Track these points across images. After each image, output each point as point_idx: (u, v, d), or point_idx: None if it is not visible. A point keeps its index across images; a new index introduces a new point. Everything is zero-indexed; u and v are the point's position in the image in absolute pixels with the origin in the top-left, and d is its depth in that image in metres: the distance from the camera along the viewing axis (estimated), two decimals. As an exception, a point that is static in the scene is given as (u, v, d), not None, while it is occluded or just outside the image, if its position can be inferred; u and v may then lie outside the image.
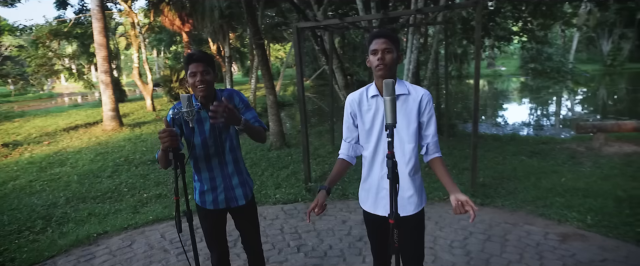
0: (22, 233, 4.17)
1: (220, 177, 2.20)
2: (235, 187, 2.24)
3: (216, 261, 2.33)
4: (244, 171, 2.33)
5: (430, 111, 1.85)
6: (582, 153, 6.92)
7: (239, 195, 2.26)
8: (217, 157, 2.18)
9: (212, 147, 2.16)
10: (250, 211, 2.37)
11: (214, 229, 2.29)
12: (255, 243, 2.41)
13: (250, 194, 2.33)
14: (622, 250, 3.19)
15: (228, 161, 2.21)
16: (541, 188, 4.88)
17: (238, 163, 2.26)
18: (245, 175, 2.32)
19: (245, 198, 2.28)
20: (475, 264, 3.04)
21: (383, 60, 1.76)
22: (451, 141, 7.99)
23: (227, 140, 2.19)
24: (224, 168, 2.21)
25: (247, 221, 2.38)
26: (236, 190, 2.25)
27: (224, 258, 2.35)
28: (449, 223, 3.85)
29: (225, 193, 2.22)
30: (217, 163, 2.19)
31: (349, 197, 4.81)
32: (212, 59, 2.12)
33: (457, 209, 1.77)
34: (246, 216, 2.36)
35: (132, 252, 3.49)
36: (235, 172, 2.24)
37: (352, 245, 3.45)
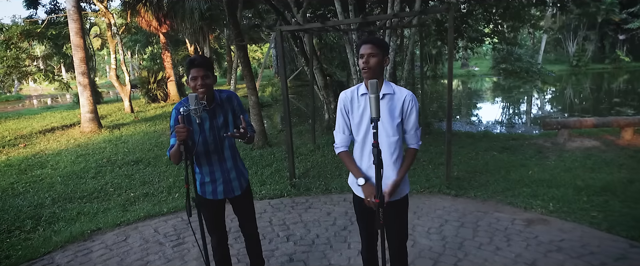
0: (12, 232, 4.23)
1: (219, 171, 2.41)
2: (232, 179, 2.46)
3: (216, 244, 2.53)
4: (241, 164, 2.55)
5: (412, 109, 2.12)
6: (548, 148, 7.39)
7: (235, 186, 2.48)
8: (216, 153, 2.39)
9: (211, 144, 2.37)
10: (246, 199, 2.59)
11: (214, 217, 2.50)
12: (251, 227, 2.63)
13: (245, 184, 2.55)
14: (578, 231, 3.56)
15: (227, 157, 2.42)
16: (510, 180, 5.26)
17: (235, 159, 2.48)
18: (241, 168, 2.54)
19: (241, 189, 2.51)
20: (450, 247, 3.34)
21: (367, 63, 2.02)
22: (427, 139, 8.35)
23: (226, 139, 2.40)
24: (222, 164, 2.42)
25: (243, 208, 2.60)
26: (233, 183, 2.47)
27: (222, 242, 2.56)
28: (426, 212, 4.15)
29: (223, 185, 2.44)
30: (216, 159, 2.40)
31: (332, 192, 5.06)
32: (212, 63, 2.32)
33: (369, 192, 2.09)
34: (243, 203, 2.59)
35: (128, 246, 3.64)
36: (233, 167, 2.46)
37: (338, 233, 3.71)
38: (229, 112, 2.39)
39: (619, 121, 7.92)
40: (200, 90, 2.23)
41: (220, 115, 2.36)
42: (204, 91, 2.24)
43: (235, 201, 2.55)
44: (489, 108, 17.91)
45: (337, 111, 2.24)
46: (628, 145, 7.23)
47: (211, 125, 2.34)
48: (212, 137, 2.36)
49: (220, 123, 2.36)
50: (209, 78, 2.25)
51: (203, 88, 2.23)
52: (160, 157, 7.89)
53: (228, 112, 2.39)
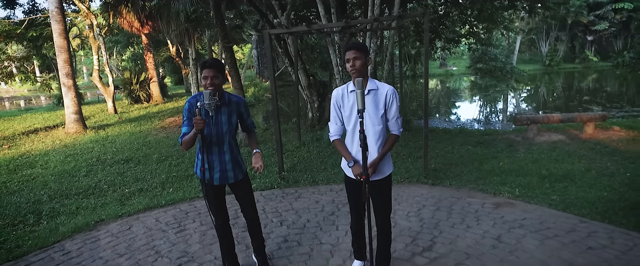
0: (16, 226, 4.44)
1: (218, 161, 2.75)
2: (229, 170, 2.79)
3: (219, 225, 2.86)
4: (239, 158, 2.88)
5: (393, 102, 2.50)
6: (519, 142, 7.93)
7: (230, 176, 2.81)
8: (217, 145, 2.72)
9: (214, 136, 2.70)
10: (244, 186, 2.93)
11: (215, 200, 2.81)
12: (251, 211, 2.97)
13: (240, 175, 2.88)
14: (538, 211, 4.03)
15: (226, 150, 2.76)
16: (482, 171, 5.74)
17: (233, 153, 2.81)
18: (239, 161, 2.87)
19: (235, 179, 2.84)
20: (427, 227, 3.75)
21: (354, 66, 2.40)
22: (407, 135, 8.81)
23: (227, 135, 2.74)
24: (221, 155, 2.75)
25: (242, 194, 2.93)
26: (229, 173, 2.80)
27: (225, 223, 2.88)
28: (405, 199, 4.56)
29: (220, 173, 2.77)
30: (217, 151, 2.73)
31: (319, 183, 5.43)
32: (222, 65, 2.65)
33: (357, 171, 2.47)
34: (240, 192, 2.92)
35: (132, 234, 3.92)
36: (231, 159, 2.79)
37: (326, 218, 4.07)
38: (234, 112, 2.73)
39: (581, 117, 8.54)
40: (210, 88, 2.56)
41: (224, 113, 2.69)
42: (213, 89, 2.56)
43: (234, 189, 2.88)
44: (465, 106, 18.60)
45: (331, 106, 2.61)
46: (589, 138, 7.83)
47: (216, 120, 2.67)
48: (215, 130, 2.69)
49: (224, 120, 2.69)
50: (217, 79, 2.58)
51: (212, 87, 2.55)
52: (150, 156, 8.09)
53: (233, 112, 2.72)
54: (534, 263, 2.98)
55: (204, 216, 4.32)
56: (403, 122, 8.47)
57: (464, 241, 3.41)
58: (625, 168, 5.60)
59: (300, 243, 3.52)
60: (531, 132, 8.39)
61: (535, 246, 3.25)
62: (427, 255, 3.20)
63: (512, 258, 3.07)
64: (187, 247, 3.54)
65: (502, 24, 13.30)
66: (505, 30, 14.98)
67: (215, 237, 3.74)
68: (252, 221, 3.00)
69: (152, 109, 16.81)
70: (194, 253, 3.42)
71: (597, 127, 8.55)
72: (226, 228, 2.93)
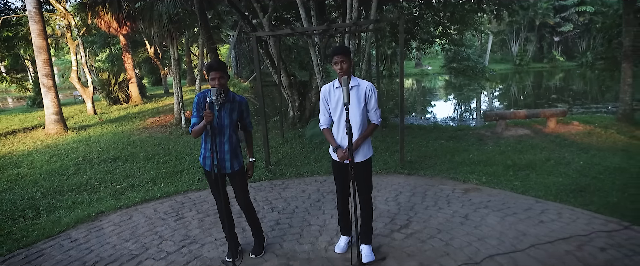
0: (16, 220, 4.64)
1: (220, 149, 3.09)
2: (226, 160, 3.14)
3: (220, 207, 3.20)
4: (238, 150, 3.22)
5: (371, 95, 2.92)
6: (488, 137, 8.52)
7: (227, 166, 3.16)
8: (218, 136, 3.07)
9: (216, 129, 3.05)
10: (238, 176, 3.25)
11: (213, 185, 3.16)
12: (243, 197, 3.29)
13: (237, 166, 3.21)
14: (502, 195, 4.54)
15: (225, 142, 3.11)
16: (454, 162, 6.25)
17: (232, 145, 3.16)
18: (238, 153, 3.21)
19: (232, 169, 3.18)
20: (403, 209, 4.20)
21: (341, 68, 2.81)
22: (384, 131, 9.30)
23: (227, 129, 3.09)
24: (221, 146, 3.10)
25: (235, 183, 3.27)
26: (226, 163, 3.15)
27: (226, 206, 3.22)
28: (384, 187, 5.00)
29: (221, 160, 3.12)
30: (217, 141, 3.08)
31: (303, 175, 5.82)
32: (226, 67, 3.01)
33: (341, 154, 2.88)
34: (235, 180, 3.26)
35: (134, 222, 4.20)
36: (229, 150, 3.14)
37: (313, 204, 4.47)
38: (235, 110, 3.08)
39: (545, 112, 9.24)
40: (217, 86, 2.91)
41: (227, 109, 3.05)
42: (219, 87, 2.91)
43: (230, 178, 3.23)
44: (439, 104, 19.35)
45: (320, 100, 3.02)
46: (551, 132, 8.50)
47: (219, 114, 3.03)
48: (217, 123, 3.04)
49: (225, 115, 3.05)
50: (223, 78, 2.94)
51: (219, 85, 2.91)
52: (136, 154, 8.28)
53: (235, 109, 3.08)
54: (494, 234, 3.45)
55: (199, 205, 4.65)
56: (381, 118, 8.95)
57: (436, 219, 3.87)
58: (579, 158, 6.22)
59: (291, 225, 3.91)
60: (499, 127, 9.01)
61: (496, 222, 3.74)
62: (403, 231, 3.64)
63: (477, 232, 3.54)
64: (187, 232, 3.87)
65: (473, 26, 14.00)
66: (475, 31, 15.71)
67: (212, 222, 4.08)
68: (245, 207, 3.33)
69: (132, 110, 16.79)
70: (195, 236, 3.76)
71: (559, 122, 9.24)
72: (227, 211, 3.26)
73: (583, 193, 4.57)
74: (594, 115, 11.52)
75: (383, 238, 3.50)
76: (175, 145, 9.07)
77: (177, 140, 9.78)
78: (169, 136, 10.63)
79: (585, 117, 10.59)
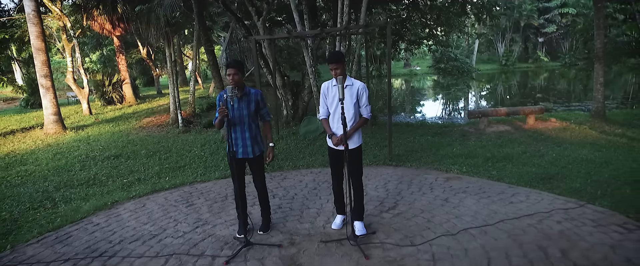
0: (37, 209, 5.03)
1: (241, 139, 3.57)
2: (248, 146, 3.61)
3: (236, 189, 3.65)
4: (258, 138, 3.68)
5: (363, 93, 3.42)
6: (471, 133, 9.08)
7: (250, 151, 3.63)
8: (240, 126, 3.54)
9: (237, 119, 3.52)
10: (257, 161, 3.72)
11: (236, 169, 3.61)
12: (260, 180, 3.78)
13: (258, 152, 3.68)
14: (480, 182, 5.07)
15: (246, 130, 3.58)
16: (438, 155, 6.78)
17: (253, 133, 3.62)
18: (258, 140, 3.68)
19: (253, 154, 3.65)
20: (391, 194, 4.70)
21: (337, 72, 3.30)
22: (374, 128, 9.82)
23: (246, 119, 3.56)
24: (243, 133, 3.57)
25: (255, 167, 3.74)
26: (248, 148, 3.61)
27: (241, 188, 3.68)
28: (373, 176, 5.50)
29: (242, 148, 3.59)
30: (240, 130, 3.55)
31: (300, 168, 6.29)
32: (242, 65, 3.48)
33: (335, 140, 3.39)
34: (254, 164, 3.73)
35: (148, 209, 4.63)
36: (250, 137, 3.60)
37: (310, 191, 4.95)
38: (252, 102, 3.55)
39: (524, 110, 9.85)
40: (232, 83, 3.38)
41: (244, 101, 3.52)
42: (234, 83, 3.38)
43: (250, 162, 3.70)
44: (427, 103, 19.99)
45: (320, 95, 3.52)
46: (530, 128, 9.10)
47: (238, 106, 3.49)
48: (237, 114, 3.51)
49: (244, 106, 3.52)
50: (237, 75, 3.40)
51: (233, 82, 3.37)
52: (138, 152, 8.66)
53: (251, 101, 3.55)
54: (469, 213, 3.97)
55: (206, 194, 5.09)
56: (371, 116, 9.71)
57: (420, 202, 4.37)
58: (553, 151, 6.80)
59: (292, 209, 4.38)
60: (482, 124, 9.59)
61: (472, 203, 4.26)
62: (391, 212, 4.13)
63: (454, 211, 4.05)
64: (199, 215, 4.32)
65: (458, 28, 14.62)
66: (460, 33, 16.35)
67: (221, 207, 4.53)
68: (260, 188, 3.82)
69: (126, 110, 17.08)
70: (207, 219, 4.21)
71: (538, 118, 9.85)
72: (242, 192, 3.71)
73: (552, 180, 5.12)
74: (571, 113, 12.20)
75: (373, 218, 3.99)
76: (175, 143, 9.46)
77: (176, 139, 10.17)
78: (166, 135, 11.00)
79: (562, 115, 11.26)
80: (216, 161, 7.22)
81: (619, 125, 9.21)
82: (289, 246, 3.45)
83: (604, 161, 5.99)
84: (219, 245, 3.55)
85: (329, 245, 3.41)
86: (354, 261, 3.10)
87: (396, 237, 3.49)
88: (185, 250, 3.48)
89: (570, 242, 3.21)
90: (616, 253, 3.00)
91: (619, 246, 3.11)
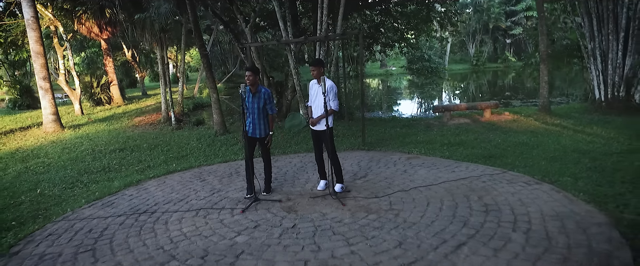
0: (72, 188, 6.06)
1: (252, 123, 4.77)
2: (257, 129, 4.81)
3: (247, 159, 4.82)
4: (264, 125, 4.87)
5: (330, 90, 4.65)
6: (435, 125, 10.45)
7: (257, 133, 4.83)
8: (252, 114, 4.73)
9: (250, 110, 4.71)
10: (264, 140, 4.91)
11: (249, 144, 4.80)
12: (266, 153, 4.97)
13: (263, 134, 4.88)
14: (433, 159, 6.39)
15: (257, 117, 4.78)
16: (404, 142, 8.09)
17: (261, 120, 4.82)
18: (265, 124, 4.87)
19: (260, 135, 4.85)
20: (363, 169, 5.96)
21: (315, 75, 4.53)
22: (351, 123, 11.10)
23: (257, 110, 4.75)
24: (254, 120, 4.77)
25: (262, 144, 4.93)
26: (257, 130, 4.82)
27: (250, 159, 4.86)
28: (349, 158, 6.75)
29: (252, 130, 4.79)
30: (252, 117, 4.75)
31: (288, 153, 7.49)
32: (257, 69, 4.68)
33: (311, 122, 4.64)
34: (262, 141, 4.91)
35: (169, 184, 5.75)
36: (259, 123, 4.80)
37: (299, 169, 6.17)
38: (261, 99, 4.75)
39: (481, 105, 11.30)
40: (248, 83, 4.57)
41: (256, 97, 4.72)
42: (250, 84, 4.57)
43: (259, 141, 4.90)
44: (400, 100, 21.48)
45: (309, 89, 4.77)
46: (486, 121, 10.53)
47: (252, 100, 4.69)
48: (251, 106, 4.71)
49: (255, 101, 4.73)
50: (252, 76, 4.59)
51: (248, 81, 4.56)
52: (140, 145, 9.65)
53: (261, 98, 4.75)
54: (420, 178, 5.27)
55: (214, 173, 6.24)
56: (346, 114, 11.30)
57: (385, 173, 5.65)
58: (499, 137, 8.19)
59: (285, 180, 5.59)
60: (446, 118, 10.98)
61: (424, 172, 5.56)
62: (362, 179, 5.39)
63: (410, 177, 5.34)
64: (212, 186, 5.47)
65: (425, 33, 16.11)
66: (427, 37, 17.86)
67: (229, 180, 5.69)
68: (266, 160, 5.03)
69: (116, 110, 17.86)
70: (220, 188, 5.37)
71: (493, 112, 11.31)
72: (251, 161, 4.89)
73: (491, 158, 6.47)
74: (523, 107, 13.80)
75: (348, 183, 5.24)
76: (172, 138, 10.50)
77: (172, 135, 11.18)
78: (161, 132, 11.98)
79: (515, 109, 12.82)
80: (214, 150, 8.33)
81: (559, 117, 10.75)
82: (286, 201, 4.67)
83: (536, 144, 7.41)
84: (233, 203, 4.74)
85: (316, 199, 4.65)
86: (334, 207, 4.34)
87: (365, 193, 4.75)
88: (208, 206, 4.65)
89: (486, 192, 4.53)
90: (514, 196, 4.34)
91: (517, 192, 4.45)
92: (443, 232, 3.50)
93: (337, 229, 3.73)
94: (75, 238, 3.97)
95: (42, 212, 4.94)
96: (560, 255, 2.97)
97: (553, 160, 6.03)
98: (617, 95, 11.03)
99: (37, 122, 14.59)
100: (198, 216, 4.37)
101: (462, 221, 3.70)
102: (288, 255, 3.26)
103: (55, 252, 3.65)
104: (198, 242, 3.64)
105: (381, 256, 3.13)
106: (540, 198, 4.22)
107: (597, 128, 8.67)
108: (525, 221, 3.65)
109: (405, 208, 4.17)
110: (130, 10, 11.80)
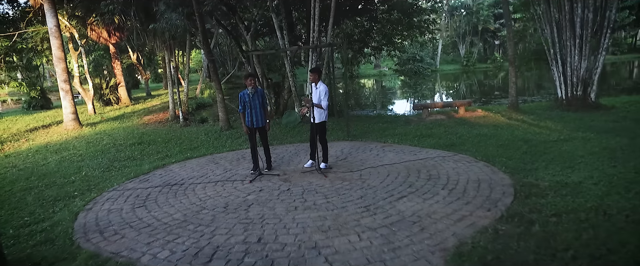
0: (109, 171, 7.48)
1: (254, 115, 6.19)
2: (258, 120, 6.23)
3: (252, 144, 6.25)
4: (262, 117, 6.29)
5: (324, 93, 6.08)
6: (414, 121, 11.89)
7: (258, 123, 6.25)
8: (254, 109, 6.16)
9: (252, 106, 6.14)
10: (263, 129, 6.35)
11: (251, 134, 6.24)
12: (265, 140, 6.41)
13: (263, 124, 6.30)
14: (402, 147, 7.83)
15: (256, 112, 6.20)
16: (383, 134, 9.52)
17: (260, 113, 6.24)
18: (263, 117, 6.29)
19: (261, 124, 6.28)
20: (344, 153, 7.40)
21: (312, 79, 5.99)
22: (340, 119, 12.55)
23: (257, 105, 6.17)
24: (256, 113, 6.19)
25: (262, 133, 6.37)
26: (258, 121, 6.24)
27: (254, 147, 6.29)
28: (335, 147, 8.18)
29: (257, 121, 6.22)
30: (254, 112, 6.17)
31: (284, 144, 8.92)
32: (256, 73, 6.14)
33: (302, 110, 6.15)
34: (262, 130, 6.35)
35: (189, 167, 7.18)
36: (259, 115, 6.22)
37: (294, 154, 7.61)
38: (259, 97, 6.17)
39: (456, 102, 12.78)
40: (250, 86, 5.99)
41: (256, 96, 6.14)
42: (252, 87, 5.99)
43: (259, 130, 6.33)
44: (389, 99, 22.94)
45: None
46: (459, 117, 11.96)
47: (253, 98, 6.11)
48: (252, 103, 6.12)
49: (255, 99, 6.14)
50: (253, 80, 6.01)
51: (251, 85, 5.99)
52: (155, 140, 11.04)
53: (259, 97, 6.17)
54: (388, 159, 6.71)
55: (225, 159, 7.67)
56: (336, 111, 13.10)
57: (361, 156, 7.10)
58: (465, 130, 9.62)
59: (283, 162, 7.04)
60: (424, 114, 12.42)
61: (392, 155, 7.01)
62: (342, 160, 6.85)
63: (381, 159, 6.78)
64: (225, 167, 6.91)
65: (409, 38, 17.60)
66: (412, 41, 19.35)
67: (238, 163, 7.12)
68: (265, 146, 6.46)
69: (125, 110, 19.26)
70: (231, 169, 6.80)
71: (467, 109, 12.77)
72: (254, 148, 6.32)
73: (452, 146, 7.91)
74: (495, 105, 15.29)
75: (332, 162, 6.69)
76: (182, 133, 11.90)
77: (181, 131, 12.57)
78: (170, 128, 13.38)
79: (487, 107, 14.30)
80: (222, 142, 9.76)
81: (524, 113, 12.21)
82: (283, 175, 6.12)
83: (493, 135, 8.85)
84: (243, 177, 6.19)
85: (306, 173, 6.10)
86: (319, 178, 5.80)
87: (343, 169, 6.21)
88: (224, 179, 6.10)
89: (434, 168, 5.99)
90: (454, 170, 5.80)
91: (458, 168, 5.91)
92: (393, 190, 4.95)
93: (319, 190, 5.19)
94: (128, 200, 5.40)
95: (94, 187, 6.36)
96: (465, 201, 4.43)
97: (500, 147, 7.48)
98: (576, 94, 12.52)
99: (56, 121, 15.97)
100: (217, 185, 5.81)
101: (409, 184, 5.16)
102: (284, 204, 4.71)
103: (118, 208, 5.08)
104: (220, 199, 5.09)
105: (348, 203, 4.58)
106: (472, 171, 5.68)
107: (550, 123, 10.14)
108: (453, 184, 5.11)
109: (371, 178, 5.63)
110: (143, 19, 13.18)
